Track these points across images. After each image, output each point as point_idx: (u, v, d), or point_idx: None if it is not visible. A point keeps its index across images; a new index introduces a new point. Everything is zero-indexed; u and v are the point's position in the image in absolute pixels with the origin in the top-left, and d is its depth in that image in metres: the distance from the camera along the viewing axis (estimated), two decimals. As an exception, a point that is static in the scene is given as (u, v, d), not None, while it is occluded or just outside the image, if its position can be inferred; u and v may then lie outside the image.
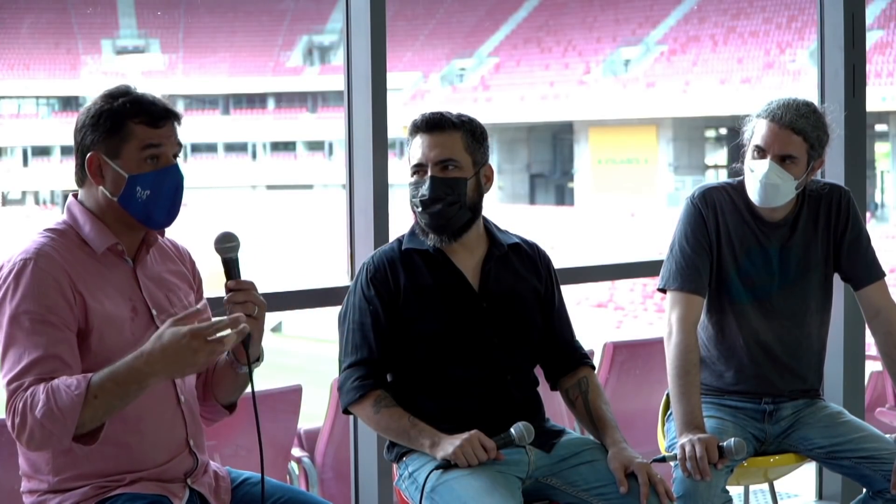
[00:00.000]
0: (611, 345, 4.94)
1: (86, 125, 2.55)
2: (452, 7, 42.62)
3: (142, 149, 2.53)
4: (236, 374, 2.69)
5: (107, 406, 2.36)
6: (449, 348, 3.01)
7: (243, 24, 41.99)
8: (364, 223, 3.65)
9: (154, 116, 2.54)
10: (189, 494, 2.61)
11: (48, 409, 2.34)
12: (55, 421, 2.34)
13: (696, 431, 3.16)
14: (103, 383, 2.36)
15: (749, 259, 3.37)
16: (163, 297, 2.63)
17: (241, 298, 2.57)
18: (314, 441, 4.55)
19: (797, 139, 3.24)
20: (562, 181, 39.18)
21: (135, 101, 2.54)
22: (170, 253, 2.72)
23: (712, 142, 38.14)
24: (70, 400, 2.34)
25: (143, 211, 2.55)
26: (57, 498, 2.51)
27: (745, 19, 36.14)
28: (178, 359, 2.33)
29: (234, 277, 2.58)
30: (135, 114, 2.53)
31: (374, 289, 3.04)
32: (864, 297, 3.43)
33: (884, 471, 3.21)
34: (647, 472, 2.91)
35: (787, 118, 3.23)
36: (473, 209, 3.06)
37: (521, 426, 2.91)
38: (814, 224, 3.41)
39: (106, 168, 2.53)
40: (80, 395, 2.34)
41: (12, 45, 39.87)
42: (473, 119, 3.09)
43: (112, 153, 2.53)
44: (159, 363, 2.34)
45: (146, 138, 2.52)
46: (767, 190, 3.26)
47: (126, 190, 2.53)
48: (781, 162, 3.24)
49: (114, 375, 2.36)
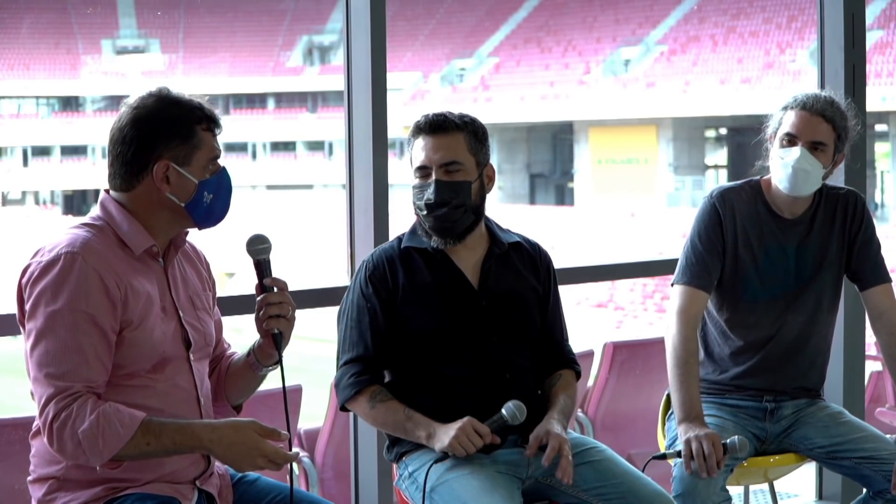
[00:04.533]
0: (611, 345, 4.95)
1: (148, 132, 2.52)
2: (452, 7, 42.60)
3: (210, 159, 2.56)
4: (255, 374, 2.72)
5: (151, 452, 2.43)
6: (447, 346, 3.01)
7: (243, 24, 41.97)
8: (364, 223, 3.65)
9: (216, 122, 2.58)
10: (197, 495, 2.62)
11: (92, 433, 2.36)
12: (93, 447, 2.37)
13: (696, 422, 3.18)
14: (161, 435, 2.42)
15: (767, 257, 3.38)
16: (188, 299, 2.65)
17: (276, 299, 2.62)
18: (314, 441, 4.56)
19: (827, 127, 3.29)
20: (562, 181, 39.16)
21: (197, 107, 2.56)
22: (190, 254, 2.73)
23: (712, 142, 38.14)
24: (116, 435, 2.38)
25: (205, 214, 2.58)
26: (67, 496, 2.50)
27: (745, 19, 36.12)
28: (238, 456, 2.46)
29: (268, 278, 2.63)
30: (199, 120, 2.55)
31: (373, 286, 3.04)
32: (870, 299, 3.44)
33: (884, 471, 3.21)
34: (559, 443, 2.89)
35: (817, 107, 3.29)
36: (477, 211, 3.06)
37: (511, 406, 2.90)
38: (830, 223, 3.43)
39: (174, 175, 2.53)
40: (129, 433, 2.39)
41: (12, 45, 39.85)
42: (475, 119, 3.08)
43: (182, 160, 2.53)
44: (221, 447, 2.46)
45: (213, 148, 2.57)
46: (798, 175, 3.29)
47: (195, 195, 2.55)
48: (812, 149, 3.29)
49: (176, 432, 2.44)
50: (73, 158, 39.01)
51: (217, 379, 2.76)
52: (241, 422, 2.48)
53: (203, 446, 2.46)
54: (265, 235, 2.65)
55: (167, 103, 2.55)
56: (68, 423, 2.36)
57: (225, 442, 2.45)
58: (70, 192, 39.12)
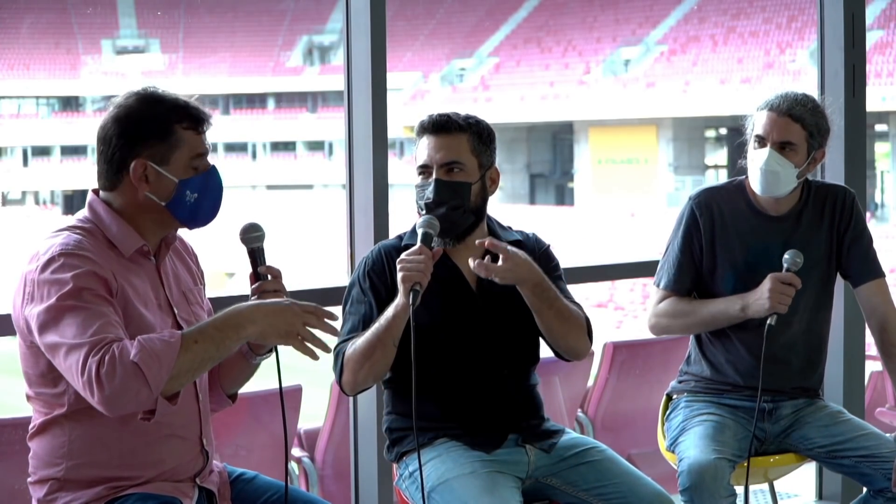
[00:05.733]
0: (611, 345, 4.94)
1: (126, 131, 2.52)
2: (452, 7, 42.60)
3: (192, 157, 2.55)
4: (248, 363, 2.72)
5: (203, 354, 2.38)
6: (445, 343, 3.01)
7: (243, 24, 41.97)
8: (364, 223, 3.65)
9: (198, 121, 2.56)
10: (198, 493, 2.62)
11: (146, 356, 2.31)
12: (151, 368, 2.31)
13: (745, 297, 3.29)
14: (202, 329, 2.40)
15: (751, 256, 3.38)
16: (181, 294, 2.65)
17: (271, 287, 2.63)
18: (314, 441, 4.56)
19: (796, 126, 3.30)
20: (562, 181, 39.17)
21: (179, 106, 2.55)
22: (179, 249, 2.73)
23: (712, 142, 38.13)
24: (168, 347, 2.34)
25: (189, 214, 2.57)
26: (68, 496, 2.49)
27: (745, 19, 36.13)
28: (279, 316, 2.43)
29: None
30: (180, 119, 2.54)
31: (370, 281, 3.05)
32: (862, 295, 3.44)
33: (884, 469, 3.21)
34: (495, 244, 2.88)
35: (784, 106, 3.30)
36: (477, 212, 3.06)
37: (422, 220, 2.91)
38: (819, 219, 3.43)
39: (152, 174, 2.53)
40: (177, 340, 2.35)
41: (12, 45, 39.86)
42: (481, 121, 3.08)
43: (161, 160, 2.53)
44: (261, 313, 2.42)
45: (196, 146, 2.56)
46: (768, 178, 3.30)
47: (176, 195, 2.54)
48: (781, 150, 3.30)
49: (212, 321, 2.41)
50: (73, 158, 38.99)
51: (211, 368, 2.76)
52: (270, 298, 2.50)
53: (243, 316, 2.41)
54: (258, 224, 2.65)
55: (147, 102, 2.55)
56: (116, 363, 2.30)
57: (262, 307, 2.44)
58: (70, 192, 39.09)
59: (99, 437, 2.47)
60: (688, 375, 3.53)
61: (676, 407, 3.49)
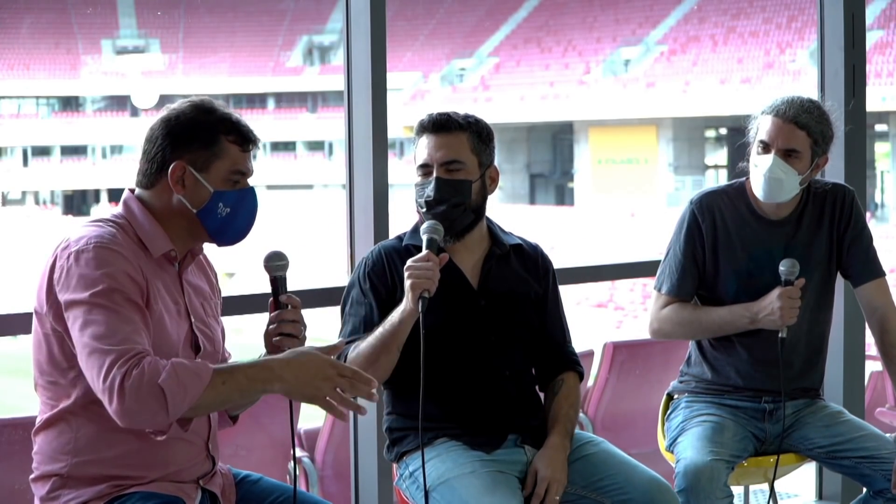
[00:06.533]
0: (611, 345, 4.95)
1: (172, 132, 2.53)
2: (452, 7, 42.60)
3: (232, 171, 2.55)
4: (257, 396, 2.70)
5: (227, 396, 2.39)
6: (446, 344, 3.01)
7: (243, 24, 41.97)
8: (364, 223, 3.65)
9: (245, 138, 2.56)
10: (201, 495, 2.62)
11: (173, 382, 2.31)
12: (176, 396, 2.32)
13: (751, 308, 3.29)
14: (233, 372, 2.39)
15: (751, 259, 3.38)
16: (199, 305, 2.65)
17: (291, 317, 2.63)
18: (314, 441, 4.55)
19: (801, 134, 3.27)
20: (562, 181, 39.16)
21: (229, 119, 2.55)
22: (202, 261, 2.73)
23: (712, 142, 38.13)
24: (197, 379, 2.34)
25: (219, 227, 2.57)
26: (71, 494, 2.49)
27: (745, 19, 36.12)
28: (309, 379, 2.40)
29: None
30: (227, 131, 2.54)
31: (370, 282, 3.05)
32: (863, 295, 3.44)
33: (884, 470, 3.21)
34: (547, 484, 2.91)
35: (790, 113, 3.26)
36: (477, 211, 3.07)
37: (426, 225, 2.93)
38: (818, 221, 3.42)
39: (190, 178, 2.53)
40: (207, 376, 2.35)
41: (12, 45, 39.85)
42: (480, 120, 3.09)
43: (200, 166, 2.53)
44: (291, 373, 2.39)
45: (237, 161, 2.55)
46: (771, 184, 3.28)
47: (209, 204, 2.54)
48: (786, 157, 3.27)
49: (244, 368, 2.40)
50: (72, 158, 38.99)
51: None
52: (301, 348, 2.47)
53: (274, 373, 2.40)
54: (283, 252, 2.66)
55: (199, 110, 2.56)
56: (144, 379, 2.30)
57: (293, 365, 2.40)
58: (70, 192, 39.11)
59: (105, 435, 2.47)
60: (688, 376, 3.53)
61: (677, 407, 3.49)
